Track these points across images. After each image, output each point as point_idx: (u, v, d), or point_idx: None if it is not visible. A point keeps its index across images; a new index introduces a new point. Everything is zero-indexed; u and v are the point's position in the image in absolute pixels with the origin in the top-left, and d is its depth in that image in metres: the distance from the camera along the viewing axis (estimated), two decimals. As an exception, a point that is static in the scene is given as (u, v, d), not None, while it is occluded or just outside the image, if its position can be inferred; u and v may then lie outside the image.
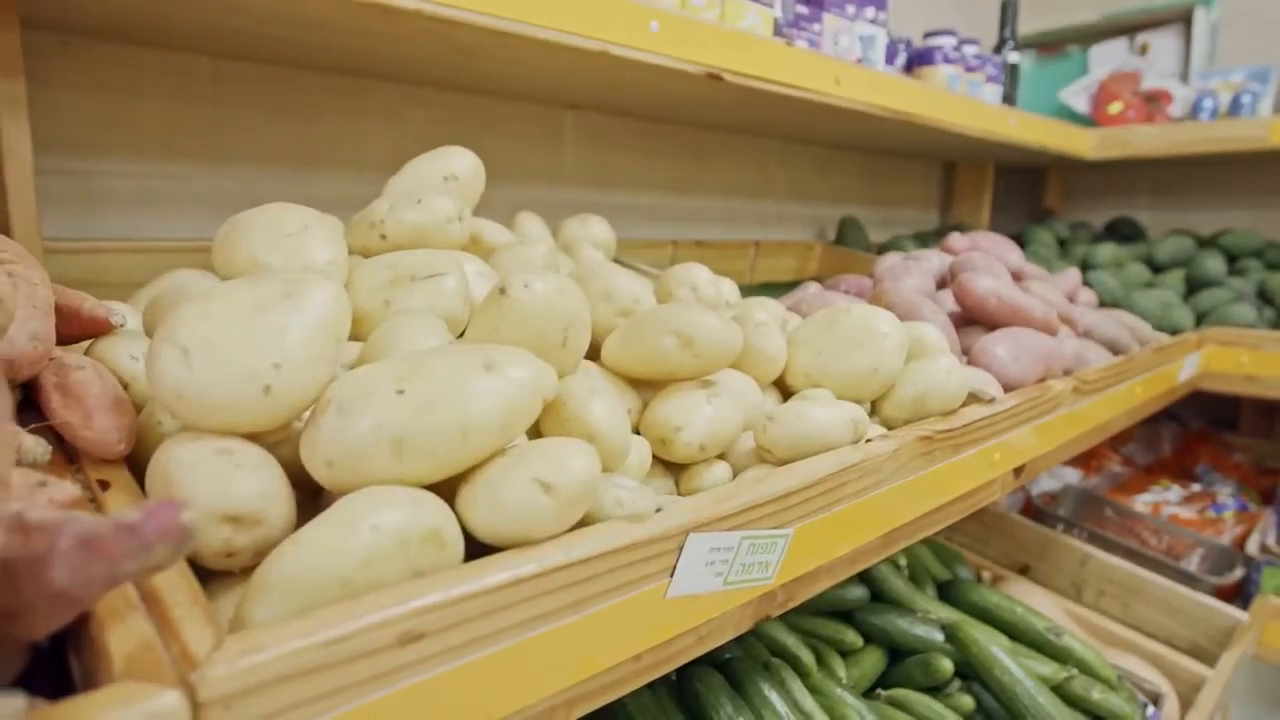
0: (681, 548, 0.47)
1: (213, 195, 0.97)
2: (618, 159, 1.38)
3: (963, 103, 1.41)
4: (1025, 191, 2.30)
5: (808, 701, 0.72)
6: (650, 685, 0.66)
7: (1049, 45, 2.11)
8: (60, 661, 0.36)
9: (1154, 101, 1.88)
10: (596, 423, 0.48)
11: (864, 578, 0.94)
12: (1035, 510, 1.53)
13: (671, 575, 0.47)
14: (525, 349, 0.45)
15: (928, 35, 1.48)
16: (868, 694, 0.87)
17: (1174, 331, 1.44)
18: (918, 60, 1.44)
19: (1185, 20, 1.92)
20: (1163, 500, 1.59)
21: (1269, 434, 1.93)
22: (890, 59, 1.43)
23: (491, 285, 0.66)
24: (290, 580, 0.34)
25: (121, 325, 0.50)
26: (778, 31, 1.09)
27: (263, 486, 0.39)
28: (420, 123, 1.13)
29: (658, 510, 0.47)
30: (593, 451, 0.43)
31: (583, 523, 0.45)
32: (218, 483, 0.38)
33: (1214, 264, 1.64)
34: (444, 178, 0.73)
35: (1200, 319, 1.52)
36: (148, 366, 0.39)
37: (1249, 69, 1.77)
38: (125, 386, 0.48)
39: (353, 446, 0.39)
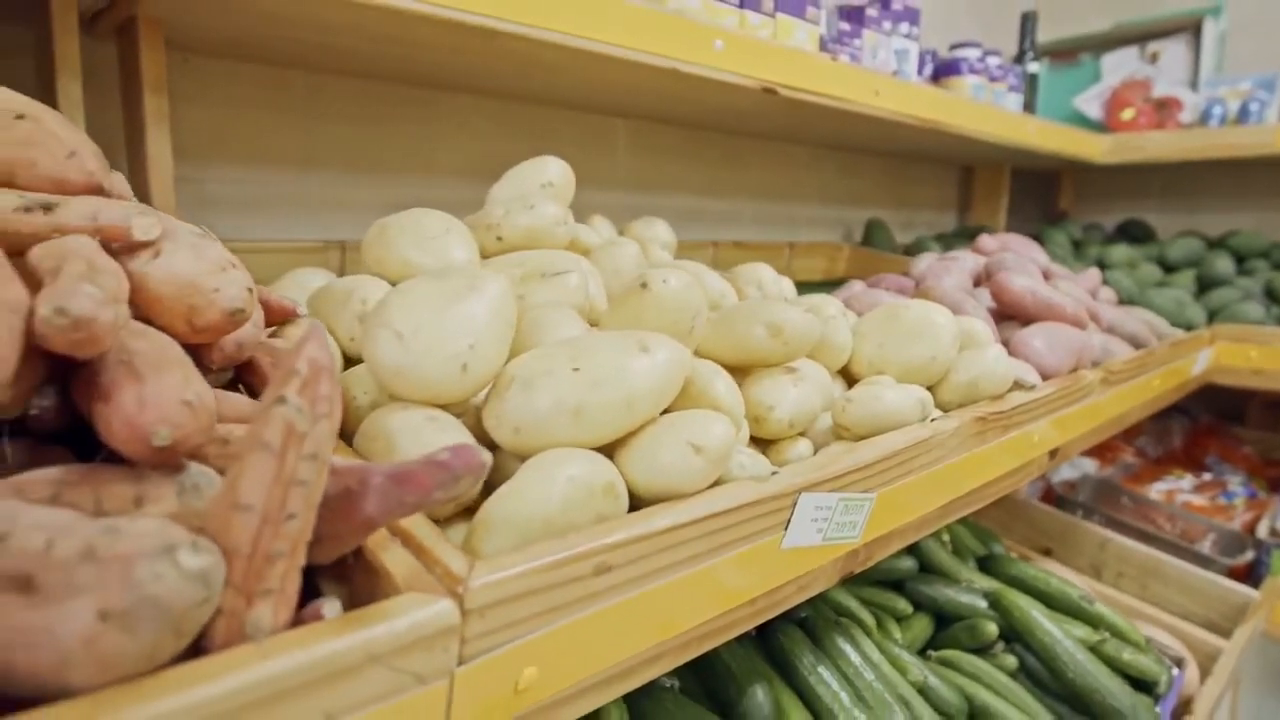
0: (794, 505, 0.55)
1: (303, 198, 1.04)
2: (662, 164, 1.46)
3: (987, 111, 1.49)
4: (1039, 194, 2.39)
5: (875, 654, 0.80)
6: (738, 639, 0.73)
7: (1063, 53, 2.19)
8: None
9: (1164, 108, 1.96)
10: (720, 398, 0.56)
11: (913, 551, 1.02)
12: (1056, 497, 1.61)
13: (786, 528, 0.55)
14: (664, 334, 0.52)
15: (953, 47, 1.56)
16: (919, 655, 0.95)
17: (1188, 328, 1.52)
18: (944, 71, 1.52)
19: (1194, 30, 2.00)
20: (1176, 488, 1.67)
21: (1275, 427, 2.01)
22: (919, 70, 1.51)
23: (594, 280, 0.74)
24: (510, 520, 0.42)
25: (304, 314, 0.58)
26: (823, 47, 1.17)
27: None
28: (485, 131, 1.21)
29: (773, 473, 0.55)
30: (728, 420, 0.51)
31: (715, 483, 0.52)
32: (430, 444, 0.46)
33: (1223, 264, 1.72)
34: (541, 185, 0.80)
35: (1211, 316, 1.61)
36: (367, 348, 0.47)
37: (1256, 77, 1.85)
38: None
39: (538, 416, 0.47)
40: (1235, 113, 1.83)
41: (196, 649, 0.32)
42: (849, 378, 0.84)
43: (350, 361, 0.60)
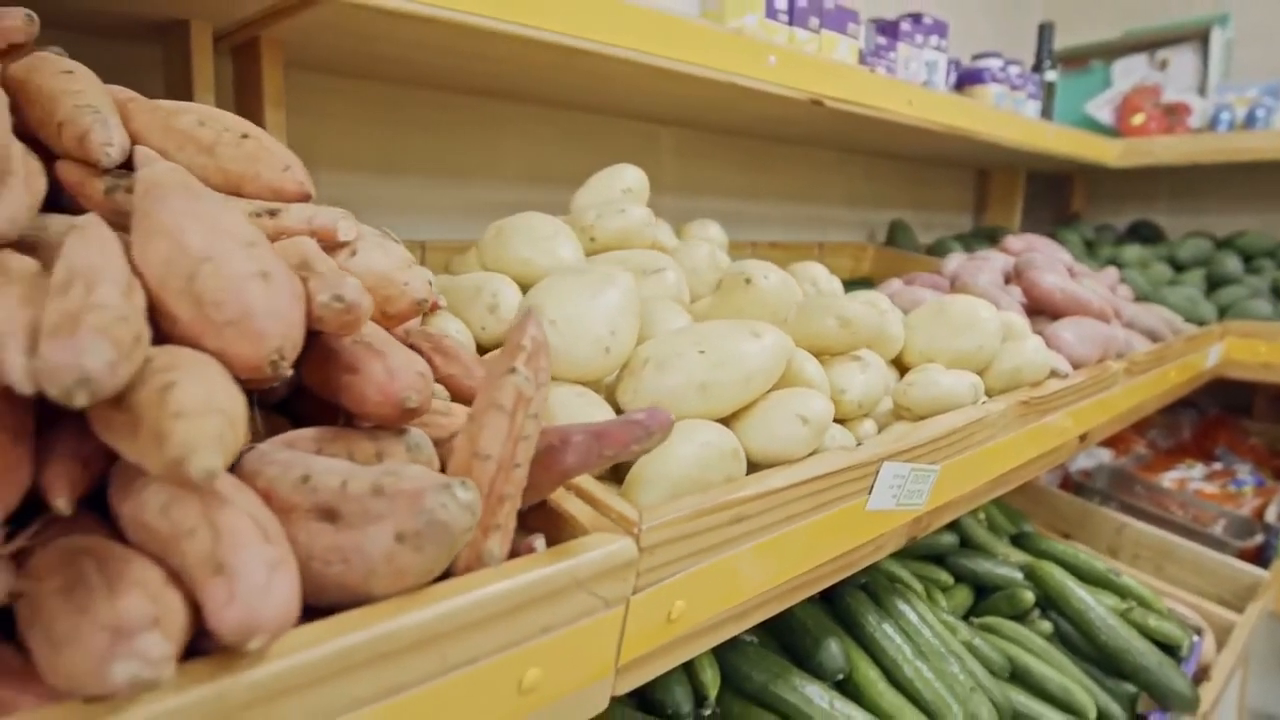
0: (877, 472, 0.63)
1: (385, 201, 1.12)
2: (703, 169, 1.54)
3: (1009, 119, 1.57)
4: (1052, 196, 2.47)
5: (929, 616, 0.88)
6: (808, 600, 0.81)
7: (1074, 60, 2.27)
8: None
9: (1174, 114, 2.04)
10: (811, 379, 0.64)
11: (954, 527, 1.09)
12: (1074, 484, 1.69)
13: (869, 493, 0.63)
14: (767, 323, 0.60)
15: (976, 57, 1.64)
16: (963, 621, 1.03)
17: (1200, 324, 1.60)
18: (968, 79, 1.59)
19: (1202, 38, 2.09)
20: (1187, 477, 1.75)
21: (1280, 419, 2.09)
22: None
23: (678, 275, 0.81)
24: (660, 478, 0.50)
25: (444, 306, 0.65)
26: (862, 60, 1.25)
27: (608, 418, 0.54)
28: (545, 138, 1.29)
29: (858, 444, 0.63)
30: (826, 397, 0.58)
31: (812, 452, 0.60)
32: (580, 415, 0.53)
33: (1232, 263, 1.80)
34: (622, 190, 0.88)
35: (1221, 313, 1.69)
36: (523, 333, 0.55)
37: (1262, 85, 1.93)
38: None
39: (670, 391, 0.55)
40: (1242, 118, 1.91)
41: (445, 573, 0.40)
42: (900, 367, 0.92)
43: (480, 349, 0.67)
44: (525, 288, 0.69)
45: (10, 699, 0.29)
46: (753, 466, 0.57)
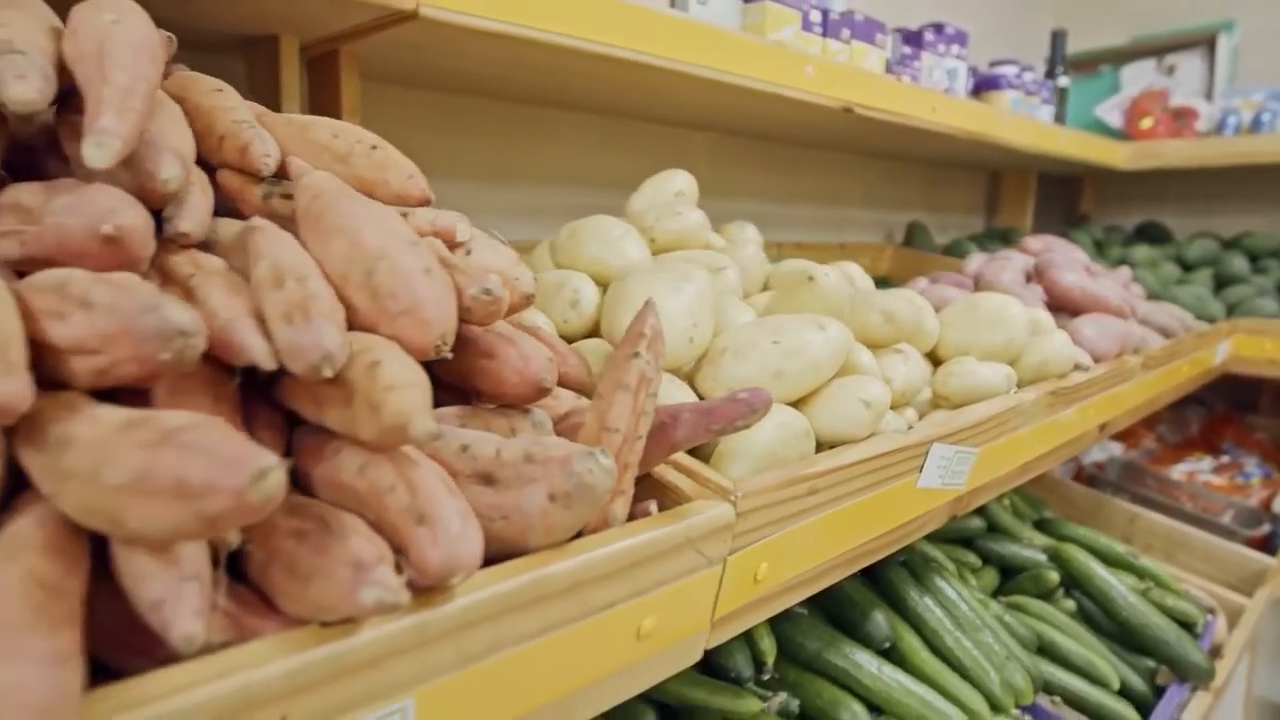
0: (927, 453, 0.69)
1: (445, 204, 1.17)
2: (734, 172, 1.60)
3: (1024, 124, 1.63)
4: (1062, 198, 2.53)
5: (964, 591, 0.93)
6: (852, 577, 0.87)
7: (1084, 65, 2.33)
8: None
9: (1181, 117, 2.10)
10: (866, 368, 0.69)
11: (981, 513, 1.15)
12: (1087, 477, 1.75)
13: (920, 471, 0.69)
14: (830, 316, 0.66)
15: (993, 64, 1.70)
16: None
17: (1209, 321, 1.66)
18: (985, 85, 1.65)
19: (1209, 44, 2.15)
20: (1196, 469, 1.81)
21: (1285, 415, 2.15)
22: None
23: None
24: (746, 453, 0.56)
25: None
26: (889, 69, 1.31)
27: (691, 399, 0.60)
28: (588, 144, 1.35)
29: (909, 428, 0.69)
30: (884, 384, 0.64)
31: (871, 434, 0.66)
32: (669, 398, 0.59)
33: (1239, 263, 1.86)
34: (675, 194, 0.94)
35: (1229, 311, 1.75)
36: (610, 325, 0.61)
37: (1268, 89, 1.99)
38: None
39: (747, 377, 0.61)
40: (1248, 123, 1.97)
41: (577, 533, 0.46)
42: (934, 360, 0.98)
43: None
44: (598, 285, 0.74)
45: (258, 625, 0.35)
46: (821, 446, 0.62)
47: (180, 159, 0.42)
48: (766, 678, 0.78)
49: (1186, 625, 1.06)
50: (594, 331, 0.73)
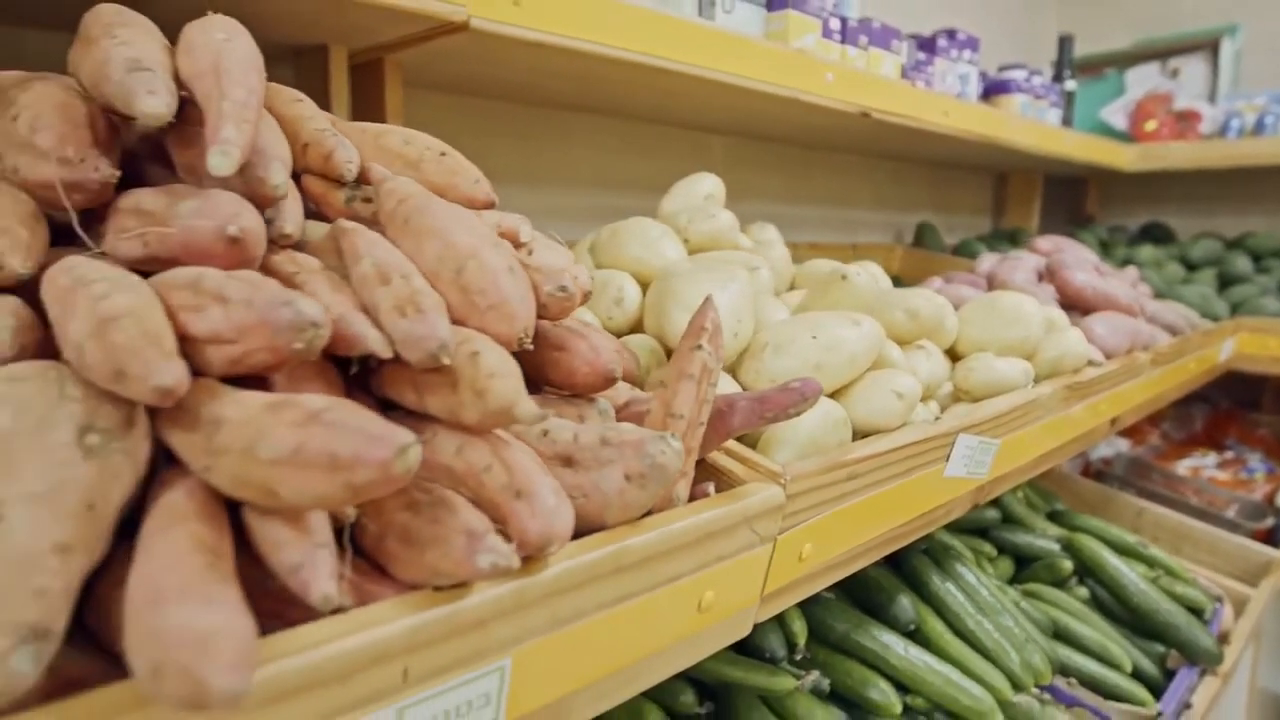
0: (954, 443, 0.72)
1: (469, 207, 1.21)
2: (749, 174, 1.63)
3: (1033, 127, 1.67)
4: (1067, 199, 2.57)
5: (983, 578, 0.97)
6: (876, 563, 0.91)
7: (1089, 68, 2.37)
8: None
9: (1185, 120, 2.14)
10: (895, 362, 0.73)
11: (995, 504, 1.19)
12: (1094, 472, 1.79)
13: (946, 460, 0.73)
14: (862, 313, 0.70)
15: (1002, 69, 1.74)
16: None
17: (1214, 320, 1.70)
18: (994, 89, 1.69)
19: (1212, 48, 2.19)
20: (1201, 465, 1.85)
21: (1287, 412, 2.19)
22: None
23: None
24: (790, 439, 0.59)
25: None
26: (904, 74, 1.35)
27: (736, 390, 0.64)
28: (609, 146, 1.38)
29: (937, 418, 0.73)
30: (914, 377, 0.68)
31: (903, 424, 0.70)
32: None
33: (1242, 263, 1.90)
34: (704, 196, 0.98)
35: (1233, 310, 1.79)
36: (660, 322, 0.64)
37: (1270, 93, 2.03)
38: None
39: (788, 370, 0.64)
40: (1251, 125, 2.01)
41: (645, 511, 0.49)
42: (953, 356, 1.01)
43: (603, 336, 0.77)
44: (638, 283, 0.78)
45: (376, 590, 0.38)
46: (856, 435, 0.66)
47: (285, 166, 0.46)
48: (799, 657, 0.82)
49: (1195, 612, 1.10)
50: (635, 328, 0.77)
